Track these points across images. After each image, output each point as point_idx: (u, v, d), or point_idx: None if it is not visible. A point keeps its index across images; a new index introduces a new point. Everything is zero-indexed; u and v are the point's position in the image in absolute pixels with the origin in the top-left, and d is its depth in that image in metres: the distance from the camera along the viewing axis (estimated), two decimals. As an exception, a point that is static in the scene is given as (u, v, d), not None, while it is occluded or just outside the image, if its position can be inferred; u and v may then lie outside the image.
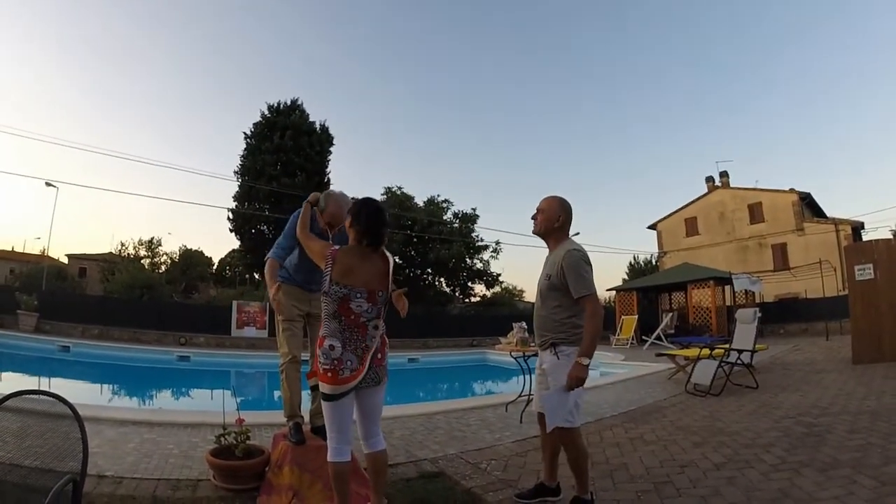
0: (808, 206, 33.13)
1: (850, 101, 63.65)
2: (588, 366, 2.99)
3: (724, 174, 36.48)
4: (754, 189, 34.53)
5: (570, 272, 3.09)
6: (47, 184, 26.32)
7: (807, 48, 61.14)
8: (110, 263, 35.86)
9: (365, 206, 2.96)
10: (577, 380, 2.97)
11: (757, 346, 8.57)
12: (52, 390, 2.31)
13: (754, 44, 65.60)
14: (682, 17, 64.64)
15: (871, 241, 11.51)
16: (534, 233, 3.44)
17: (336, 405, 2.81)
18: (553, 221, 3.33)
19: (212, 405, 8.72)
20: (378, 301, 2.87)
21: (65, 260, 45.44)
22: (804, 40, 61.31)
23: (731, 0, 63.59)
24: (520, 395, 6.64)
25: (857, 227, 29.92)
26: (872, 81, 61.32)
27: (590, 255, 3.25)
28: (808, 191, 32.42)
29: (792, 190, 32.65)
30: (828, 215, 33.29)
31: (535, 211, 3.42)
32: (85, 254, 45.61)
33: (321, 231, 3.76)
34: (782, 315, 22.83)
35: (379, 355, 2.89)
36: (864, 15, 57.53)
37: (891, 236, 32.65)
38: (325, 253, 2.87)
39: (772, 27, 63.95)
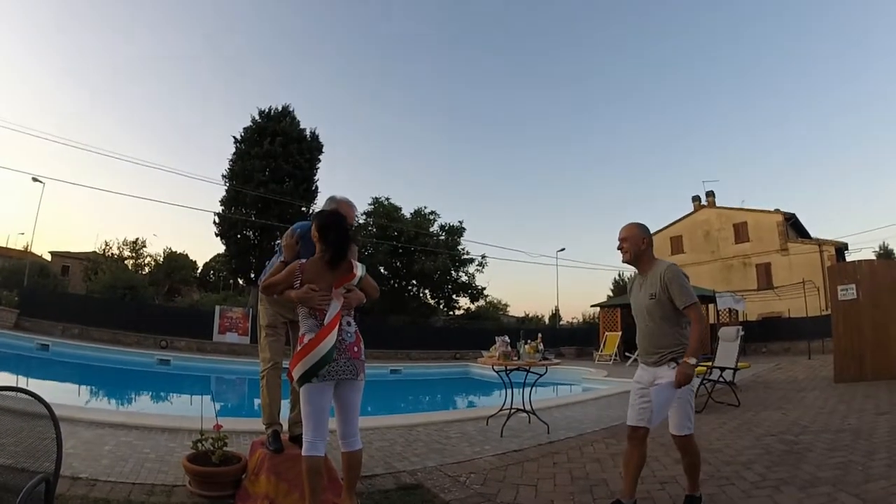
0: (793, 226, 33.48)
1: (837, 124, 64.68)
2: (695, 365, 3.22)
3: (710, 193, 36.84)
4: (740, 209, 34.87)
5: (673, 285, 3.30)
6: (34, 179, 26.13)
7: (796, 70, 62.12)
8: (94, 263, 35.60)
9: (334, 228, 3.10)
10: (685, 377, 3.18)
11: (739, 364, 8.60)
12: (29, 388, 2.29)
13: (744, 63, 66.49)
14: (672, 34, 65.49)
15: (854, 261, 11.64)
16: (624, 262, 3.66)
17: (311, 393, 2.88)
18: (639, 245, 3.53)
19: (190, 410, 8.62)
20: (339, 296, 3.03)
21: (48, 257, 45.01)
22: (793, 62, 62.28)
23: (716, 21, 64.43)
24: (501, 409, 6.59)
25: (841, 248, 30.23)
26: (859, 105, 62.38)
27: (575, 271, 3.36)
28: (792, 211, 32.79)
29: (777, 210, 33.00)
30: (812, 236, 33.64)
31: (619, 241, 3.60)
32: (69, 252, 45.24)
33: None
34: (765, 334, 22.97)
35: (356, 349, 3.03)
36: (850, 38, 58.58)
37: (874, 257, 33.12)
38: (294, 268, 3.07)
39: (760, 47, 64.87)
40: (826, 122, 65.20)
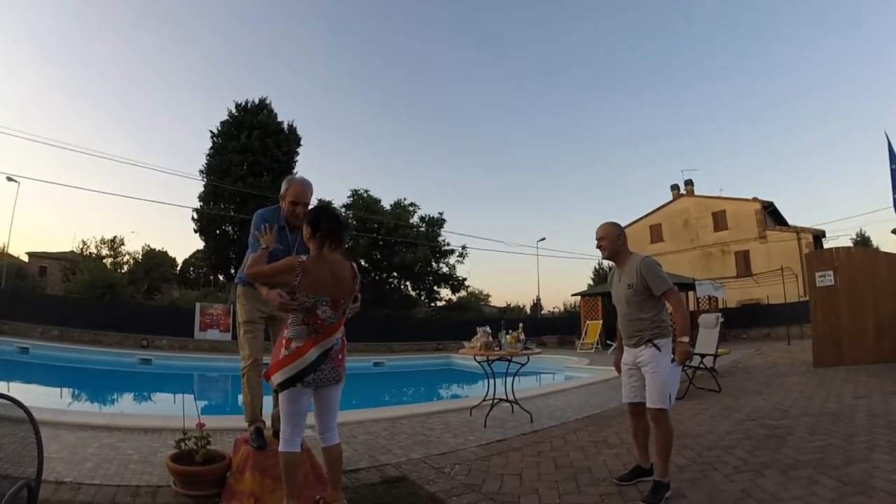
0: (771, 214, 33.83)
1: (815, 113, 65.55)
2: (689, 342, 3.58)
3: (688, 182, 37.14)
4: (718, 197, 35.16)
5: (649, 274, 3.61)
6: (8, 178, 25.64)
7: (774, 59, 62.74)
8: (72, 262, 34.96)
9: (324, 214, 3.05)
10: (686, 354, 3.54)
11: (719, 350, 8.66)
12: (9, 393, 2.26)
13: (722, 53, 66.99)
14: (652, 27, 65.82)
15: (831, 248, 11.79)
16: (604, 258, 4.02)
17: (293, 396, 2.91)
18: (616, 242, 3.84)
19: (173, 409, 8.51)
20: (340, 308, 3.04)
21: (25, 258, 44.18)
22: (771, 51, 62.89)
23: (696, 12, 64.85)
24: (484, 399, 6.58)
25: (819, 235, 30.61)
26: (835, 94, 63.26)
27: (555, 260, 3.50)
28: (770, 199, 33.13)
29: (755, 199, 33.32)
30: (790, 223, 34.02)
31: (597, 241, 3.89)
32: (46, 252, 44.38)
33: (288, 239, 3.71)
34: (745, 320, 23.25)
35: (340, 356, 3.03)
36: (828, 29, 59.30)
37: (851, 245, 33.63)
38: (294, 264, 2.91)
39: (740, 37, 65.44)
40: (803, 111, 66.11)
